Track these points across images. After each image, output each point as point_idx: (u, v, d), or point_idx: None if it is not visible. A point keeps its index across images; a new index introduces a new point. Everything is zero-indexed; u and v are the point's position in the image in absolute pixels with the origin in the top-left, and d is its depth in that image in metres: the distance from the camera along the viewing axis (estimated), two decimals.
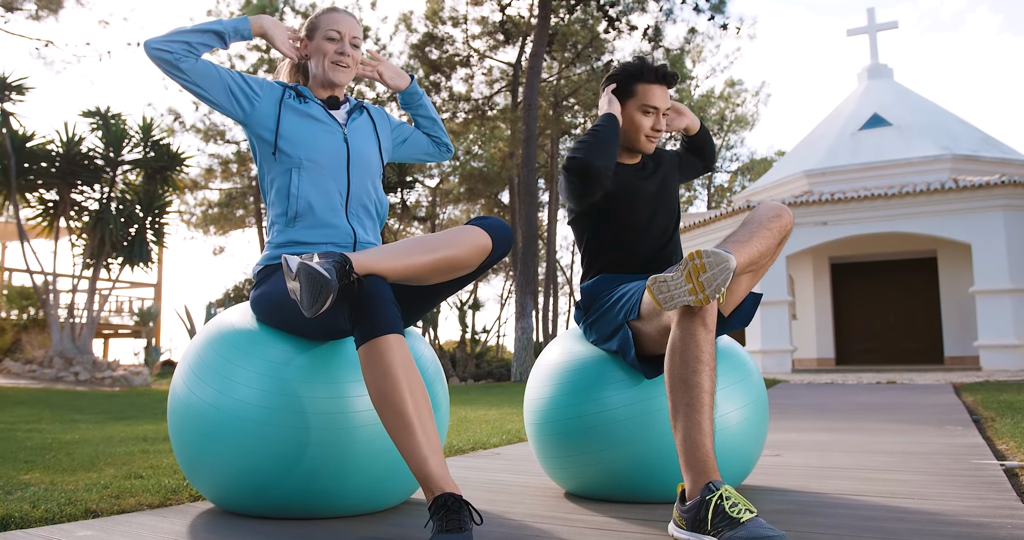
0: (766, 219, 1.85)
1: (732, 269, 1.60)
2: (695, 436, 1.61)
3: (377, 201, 2.13)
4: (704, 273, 1.61)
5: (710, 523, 1.51)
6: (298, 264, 1.59)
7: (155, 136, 10.76)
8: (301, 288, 1.58)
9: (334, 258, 1.62)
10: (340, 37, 2.09)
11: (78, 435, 4.01)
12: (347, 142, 2.07)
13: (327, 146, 2.04)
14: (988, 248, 12.67)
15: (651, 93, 2.22)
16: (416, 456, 1.58)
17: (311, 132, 2.03)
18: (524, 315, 12.97)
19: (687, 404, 1.65)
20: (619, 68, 2.28)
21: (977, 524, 1.72)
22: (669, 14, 16.82)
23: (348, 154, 2.06)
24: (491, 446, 3.49)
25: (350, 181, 2.05)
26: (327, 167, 2.02)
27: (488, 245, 1.85)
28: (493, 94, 22.45)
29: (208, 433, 1.85)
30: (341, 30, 2.09)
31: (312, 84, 2.15)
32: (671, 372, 1.70)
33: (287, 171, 2.01)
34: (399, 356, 1.63)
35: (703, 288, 1.62)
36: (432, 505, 1.54)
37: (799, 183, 15.29)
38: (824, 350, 15.91)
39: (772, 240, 1.82)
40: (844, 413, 5.12)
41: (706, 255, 1.62)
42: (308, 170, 2.00)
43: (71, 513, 1.93)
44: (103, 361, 10.66)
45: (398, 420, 1.60)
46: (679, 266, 1.66)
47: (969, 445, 3.21)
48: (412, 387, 1.62)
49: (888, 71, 16.85)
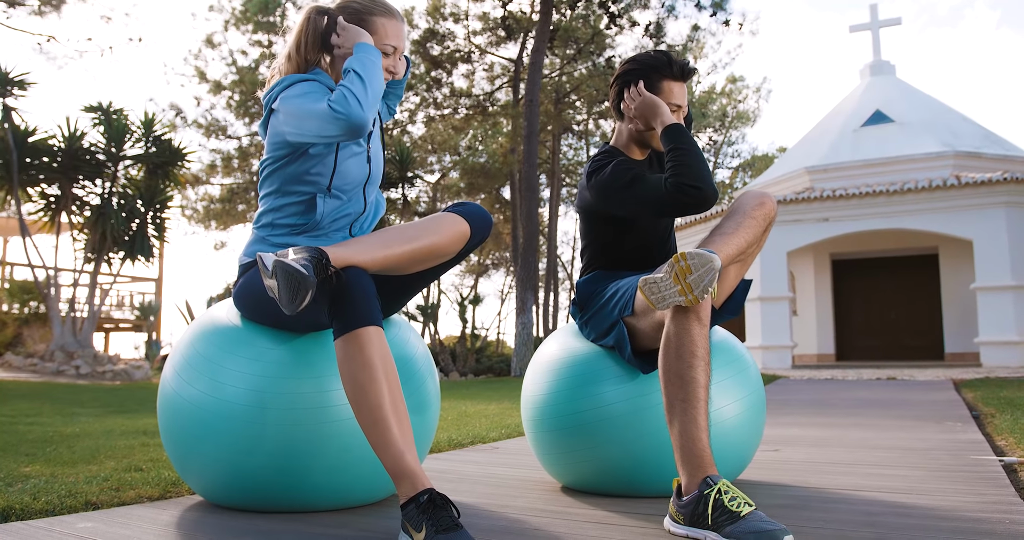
0: (750, 208, 1.87)
1: (717, 269, 1.62)
2: (691, 431, 1.62)
3: (379, 205, 2.07)
4: (691, 274, 1.63)
5: (710, 518, 1.50)
6: (274, 262, 1.54)
7: (157, 131, 10.75)
8: (279, 286, 1.53)
9: (310, 253, 1.58)
10: (393, 53, 1.90)
11: (79, 428, 4.01)
12: (370, 164, 1.96)
13: (356, 174, 1.92)
14: (990, 245, 12.66)
15: (676, 90, 2.11)
16: (391, 451, 1.54)
17: (351, 162, 1.89)
18: (524, 310, 12.97)
19: (682, 399, 1.65)
20: (641, 62, 2.13)
21: (975, 519, 1.72)
22: (671, 10, 16.79)
23: (369, 176, 1.96)
24: (490, 440, 3.49)
25: (366, 201, 1.98)
26: (349, 192, 1.92)
27: (467, 231, 1.82)
28: (494, 90, 22.43)
29: (196, 431, 1.84)
30: (398, 46, 1.89)
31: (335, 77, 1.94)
32: (666, 367, 1.71)
33: (310, 194, 1.88)
34: (378, 349, 1.59)
35: (691, 289, 1.64)
36: (412, 502, 1.48)
37: (801, 179, 15.27)
38: (824, 346, 15.91)
39: (757, 229, 1.85)
40: (844, 409, 5.12)
41: (691, 257, 1.63)
42: (334, 196, 1.89)
43: (71, 505, 1.94)
44: (104, 355, 10.67)
45: (374, 414, 1.56)
46: (666, 268, 1.67)
47: (968, 441, 3.21)
48: (390, 381, 1.59)
49: (890, 67, 16.81)
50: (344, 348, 1.60)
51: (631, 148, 2.23)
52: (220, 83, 22.77)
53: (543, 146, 23.57)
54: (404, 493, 1.52)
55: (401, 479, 1.53)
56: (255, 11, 21.36)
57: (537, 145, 14.00)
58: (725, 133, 32.93)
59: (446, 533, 1.42)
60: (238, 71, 22.51)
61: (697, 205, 1.90)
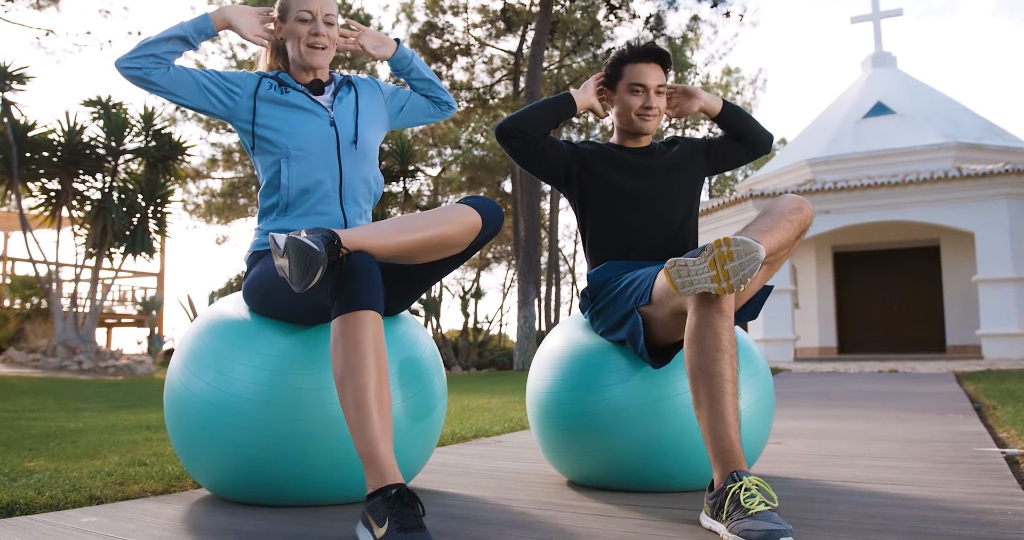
0: (788, 211, 1.78)
1: (761, 259, 1.54)
2: (718, 426, 1.59)
3: (373, 180, 2.09)
4: (731, 261, 1.55)
5: (725, 511, 1.51)
6: (286, 240, 1.55)
7: (156, 125, 10.73)
8: (290, 263, 1.54)
9: (322, 233, 1.58)
10: (312, 17, 1.99)
11: (82, 423, 4.02)
12: (335, 126, 2.01)
13: (313, 134, 1.98)
14: (991, 237, 12.65)
15: (637, 71, 2.22)
16: (368, 436, 1.51)
17: (293, 121, 1.98)
18: (527, 304, 12.98)
19: (708, 394, 1.61)
20: (610, 59, 2.30)
21: (978, 511, 1.72)
22: (672, 2, 16.73)
23: (338, 139, 2.01)
24: (493, 434, 3.50)
25: (342, 166, 2.00)
26: (316, 154, 1.98)
27: (478, 223, 1.82)
28: (494, 83, 22.38)
29: (203, 424, 1.85)
30: (312, 9, 1.99)
31: (293, 69, 2.07)
32: (690, 362, 1.67)
33: (275, 162, 1.97)
34: (373, 334, 1.59)
35: (728, 277, 1.56)
36: (379, 495, 1.45)
37: (802, 171, 15.25)
38: (826, 339, 15.92)
39: (793, 232, 1.75)
40: (846, 401, 5.12)
41: (735, 243, 1.55)
42: (297, 160, 1.96)
43: (75, 499, 1.95)
44: (106, 350, 10.68)
45: (358, 397, 1.54)
46: (703, 251, 1.59)
47: (970, 433, 3.21)
48: (379, 367, 1.58)
49: (892, 59, 16.76)
50: (340, 328, 1.59)
51: (623, 137, 2.32)
52: None
53: None
54: (372, 483, 1.49)
55: (372, 467, 1.50)
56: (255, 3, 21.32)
57: None
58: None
59: (408, 532, 1.38)
60: (238, 65, 22.48)
61: (498, 137, 2.21)
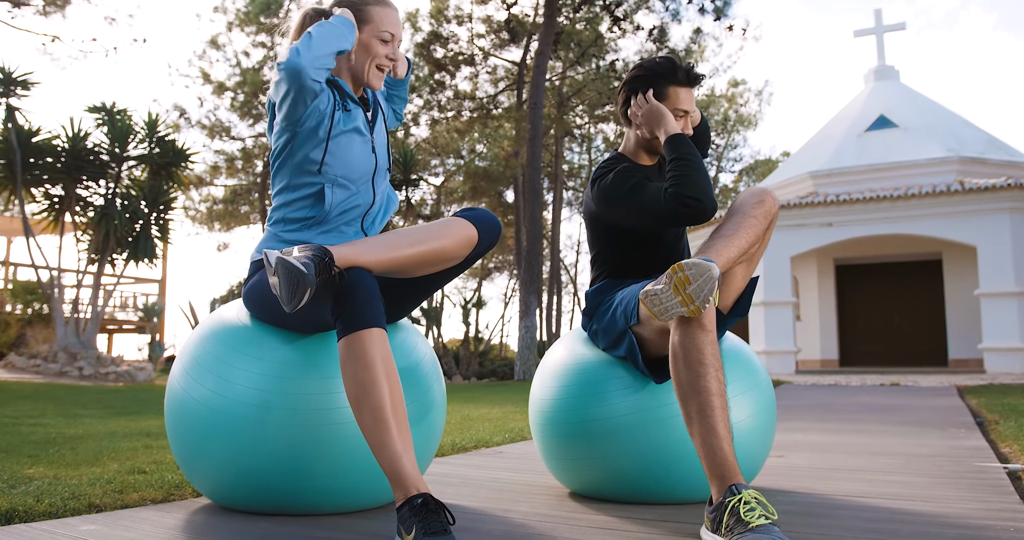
0: (749, 206, 1.84)
1: (716, 277, 1.59)
2: (711, 441, 1.60)
3: (390, 199, 2.07)
4: (690, 285, 1.61)
5: (725, 525, 1.51)
6: (276, 259, 1.55)
7: (160, 132, 10.77)
8: (280, 283, 1.55)
9: (314, 251, 1.58)
10: (391, 40, 1.92)
11: (82, 430, 4.02)
12: (375, 153, 1.97)
13: (361, 163, 1.92)
14: (994, 251, 12.64)
15: (682, 97, 2.09)
16: (389, 452, 1.54)
17: (347, 146, 1.89)
18: (528, 314, 12.97)
19: (698, 410, 1.63)
20: (647, 69, 2.11)
21: (979, 527, 1.71)
22: (675, 15, 16.80)
23: (376, 166, 1.97)
24: (494, 444, 3.49)
25: (375, 193, 1.98)
26: (356, 182, 1.92)
27: (474, 236, 1.82)
28: (498, 93, 22.44)
29: (204, 430, 1.84)
30: (395, 32, 1.93)
31: (344, 75, 1.96)
32: (676, 379, 1.69)
33: (320, 184, 1.88)
34: (380, 350, 1.60)
35: (692, 300, 1.62)
36: (406, 505, 1.49)
37: (804, 184, 15.26)
38: (828, 351, 15.89)
39: (759, 227, 1.81)
40: (847, 414, 5.11)
41: (688, 267, 1.61)
42: (341, 186, 1.90)
43: (75, 507, 1.94)
44: (107, 356, 10.68)
45: (375, 415, 1.56)
46: (664, 279, 1.65)
47: (972, 448, 3.20)
48: (391, 383, 1.60)
49: (895, 72, 16.80)
50: (347, 349, 1.60)
51: (639, 154, 2.20)
52: (224, 84, 22.84)
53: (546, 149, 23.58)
54: (399, 496, 1.52)
55: (398, 481, 1.53)
56: (257, 12, 21.45)
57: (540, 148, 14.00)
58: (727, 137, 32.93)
59: (434, 536, 1.42)
60: (242, 72, 22.58)
61: (694, 217, 1.89)
